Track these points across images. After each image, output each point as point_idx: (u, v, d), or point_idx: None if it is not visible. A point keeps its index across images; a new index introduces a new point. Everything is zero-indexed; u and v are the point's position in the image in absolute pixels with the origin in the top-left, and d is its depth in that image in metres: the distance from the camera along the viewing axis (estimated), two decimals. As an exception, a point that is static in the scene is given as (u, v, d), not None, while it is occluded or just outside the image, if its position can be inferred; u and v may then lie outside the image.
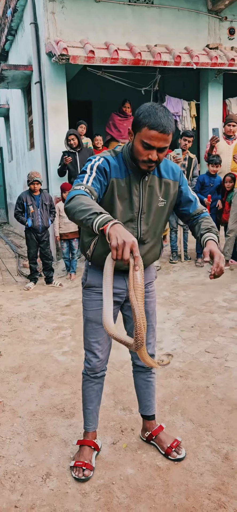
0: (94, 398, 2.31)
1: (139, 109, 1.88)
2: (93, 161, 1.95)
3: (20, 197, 5.85)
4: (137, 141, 1.87)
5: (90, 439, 2.33)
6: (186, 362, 3.39)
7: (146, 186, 2.02)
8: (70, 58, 6.27)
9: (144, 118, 1.82)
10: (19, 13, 8.19)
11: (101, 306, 2.10)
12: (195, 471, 2.21)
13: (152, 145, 1.84)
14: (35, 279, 6.00)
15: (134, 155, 1.92)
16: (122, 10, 7.16)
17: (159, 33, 7.44)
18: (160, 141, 1.84)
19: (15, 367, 3.46)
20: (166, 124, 1.81)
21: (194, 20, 7.70)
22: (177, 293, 5.11)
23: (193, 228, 2.16)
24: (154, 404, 2.45)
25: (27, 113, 9.01)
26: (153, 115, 1.80)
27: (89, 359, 2.25)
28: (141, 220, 2.04)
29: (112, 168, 1.96)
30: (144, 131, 1.82)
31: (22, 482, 2.18)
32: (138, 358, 2.34)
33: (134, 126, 1.88)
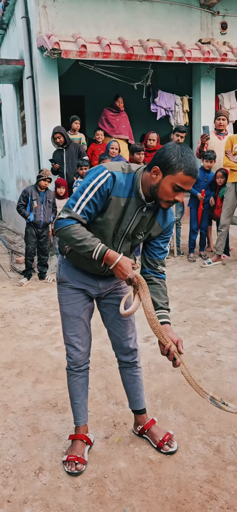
0: (81, 391, 2.33)
1: (169, 150, 1.85)
2: (97, 178, 1.90)
3: (26, 190, 5.85)
4: (168, 183, 1.86)
5: (82, 433, 2.34)
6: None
7: (140, 216, 2.01)
8: (62, 52, 6.24)
9: (180, 162, 1.82)
10: (10, 7, 8.13)
11: (75, 300, 2.18)
12: (187, 464, 2.23)
13: (185, 189, 1.87)
14: (29, 275, 5.99)
15: (157, 194, 1.90)
16: (114, 4, 7.13)
17: (151, 27, 7.42)
18: (191, 185, 1.89)
19: (8, 362, 3.46)
20: (198, 169, 1.88)
21: (186, 14, 7.69)
22: (170, 288, 5.12)
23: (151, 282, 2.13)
24: (143, 398, 2.46)
25: (19, 108, 8.95)
26: (188, 160, 1.82)
27: (70, 353, 2.27)
28: (123, 243, 2.06)
29: (116, 186, 1.93)
30: (179, 175, 1.83)
31: (14, 477, 2.19)
32: (122, 354, 2.37)
33: (165, 167, 1.85)
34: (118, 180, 1.93)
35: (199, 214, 6.17)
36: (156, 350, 3.53)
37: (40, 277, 6.01)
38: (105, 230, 2.00)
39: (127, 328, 2.31)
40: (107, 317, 2.32)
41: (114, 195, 1.93)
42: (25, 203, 5.79)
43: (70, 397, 2.36)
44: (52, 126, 6.89)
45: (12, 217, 11.08)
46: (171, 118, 8.19)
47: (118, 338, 2.33)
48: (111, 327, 2.33)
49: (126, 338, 2.33)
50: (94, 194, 1.90)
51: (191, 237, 6.32)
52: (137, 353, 2.40)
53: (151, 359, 3.38)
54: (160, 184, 1.88)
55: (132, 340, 2.35)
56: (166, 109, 8.10)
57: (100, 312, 2.36)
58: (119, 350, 2.37)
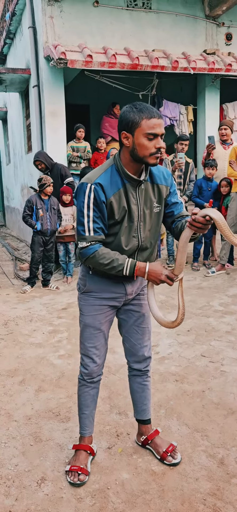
0: (90, 402, 2.31)
1: (124, 112, 1.92)
2: (86, 196, 1.94)
3: (30, 200, 5.86)
4: (139, 137, 1.88)
5: (86, 444, 2.32)
6: (182, 366, 3.39)
7: (142, 193, 2.04)
8: (68, 62, 6.28)
9: (139, 113, 1.87)
10: (17, 17, 8.21)
11: (98, 312, 2.15)
12: (191, 476, 2.21)
13: (156, 132, 1.88)
14: (33, 283, 5.99)
15: (139, 155, 1.91)
16: (120, 15, 7.19)
17: (157, 38, 7.47)
18: (161, 127, 1.90)
19: (11, 370, 3.45)
20: (157, 111, 1.92)
21: (191, 25, 7.74)
22: (173, 297, 5.10)
23: (177, 228, 2.12)
24: (149, 408, 2.44)
25: (25, 117, 9.01)
26: (144, 108, 1.88)
27: (86, 364, 2.24)
28: (140, 228, 2.06)
29: (106, 189, 1.96)
30: (144, 123, 1.87)
31: (16, 486, 2.18)
32: (135, 362, 2.34)
33: (129, 127, 1.90)
34: (105, 182, 1.96)
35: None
36: (160, 360, 3.51)
37: (44, 284, 6.01)
38: (120, 228, 2.02)
39: (144, 336, 2.30)
40: (126, 323, 2.29)
41: (111, 196, 1.96)
42: (31, 213, 5.81)
43: (78, 406, 2.34)
44: (58, 134, 6.94)
45: (16, 224, 11.11)
46: (175, 127, 8.22)
47: (134, 345, 2.31)
48: (128, 334, 2.30)
49: (142, 346, 2.31)
50: (93, 211, 1.95)
51: (196, 246, 6.30)
52: (150, 361, 2.39)
53: (155, 368, 3.36)
54: (134, 143, 1.90)
55: (147, 348, 2.34)
56: (171, 118, 8.13)
57: (118, 319, 2.33)
58: (133, 358, 2.35)
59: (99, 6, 7.00)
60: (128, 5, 7.23)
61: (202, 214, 1.86)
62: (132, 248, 2.07)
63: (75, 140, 7.21)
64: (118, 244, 2.03)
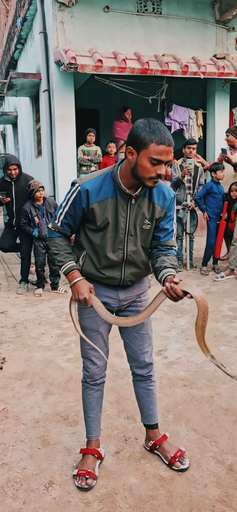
0: (95, 405, 2.31)
1: (136, 127, 1.85)
2: (70, 192, 2.05)
3: (24, 209, 5.79)
4: (144, 159, 1.84)
5: (93, 448, 2.32)
6: (190, 371, 3.37)
7: (134, 208, 2.01)
8: (79, 67, 6.32)
9: (149, 134, 1.80)
10: (28, 23, 8.29)
11: (95, 313, 2.16)
12: (199, 482, 2.18)
13: (162, 159, 1.83)
14: (43, 285, 6.01)
15: (138, 174, 1.88)
16: (130, 20, 7.22)
17: (167, 42, 7.48)
18: (168, 155, 1.85)
19: (19, 373, 3.46)
20: (170, 137, 1.85)
21: (201, 30, 7.74)
22: (182, 302, 5.08)
23: (156, 259, 2.08)
24: (156, 412, 2.43)
25: (35, 121, 9.08)
26: (157, 130, 1.81)
27: (87, 366, 2.27)
28: (128, 241, 2.05)
29: (92, 195, 1.97)
30: (152, 147, 1.81)
31: (24, 490, 2.18)
32: (137, 367, 2.34)
33: (136, 145, 1.84)
34: (92, 188, 1.98)
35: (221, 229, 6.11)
36: (168, 364, 3.50)
37: (53, 288, 6.02)
38: (104, 236, 2.04)
39: (144, 342, 2.29)
40: (125, 330, 2.30)
41: (95, 203, 1.98)
42: (27, 221, 5.82)
43: (84, 410, 2.34)
44: (68, 139, 6.97)
45: (26, 228, 11.16)
46: (185, 132, 8.21)
47: (135, 351, 2.31)
48: (128, 340, 2.31)
49: (142, 352, 2.30)
50: (69, 207, 2.05)
51: (208, 251, 6.25)
52: (152, 367, 2.38)
53: (163, 373, 3.35)
54: (137, 163, 1.86)
55: (148, 354, 2.33)
56: (180, 122, 8.13)
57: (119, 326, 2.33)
58: (135, 363, 2.35)
59: (109, 11, 7.04)
60: (139, 10, 7.26)
61: (183, 289, 1.82)
62: (118, 259, 2.07)
63: (86, 144, 7.24)
64: (103, 249, 2.05)
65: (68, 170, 7.16)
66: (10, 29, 10.61)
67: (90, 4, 6.93)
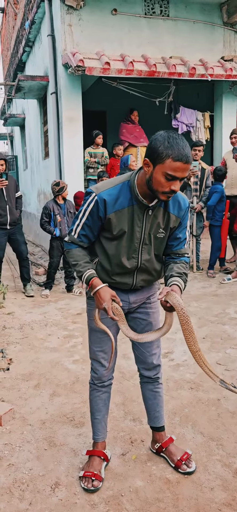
0: (102, 407, 2.31)
1: (155, 139, 1.83)
2: (87, 202, 2.01)
3: (47, 206, 5.81)
4: (159, 173, 1.82)
5: (100, 449, 2.32)
6: (197, 373, 3.36)
7: (150, 218, 2.01)
8: (86, 69, 6.34)
9: (167, 149, 1.78)
10: (36, 25, 8.33)
11: (104, 315, 2.14)
12: (205, 486, 2.18)
13: (177, 176, 1.81)
14: (51, 286, 6.01)
15: (152, 187, 1.87)
16: (138, 23, 7.23)
17: (174, 45, 7.48)
18: (184, 172, 1.83)
19: (25, 374, 3.47)
20: (189, 153, 1.81)
21: (209, 32, 7.73)
22: (189, 304, 5.07)
23: (166, 266, 2.13)
24: (163, 415, 2.43)
25: (43, 123, 9.12)
26: (176, 146, 1.78)
27: (95, 368, 2.27)
28: (142, 250, 2.06)
29: (109, 205, 1.96)
30: (168, 163, 1.79)
31: (31, 491, 2.18)
32: (145, 369, 2.34)
33: (153, 157, 1.83)
34: (110, 197, 1.96)
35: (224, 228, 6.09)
36: (175, 367, 3.49)
37: (68, 290, 6.02)
38: (118, 244, 2.04)
39: (152, 343, 2.28)
40: (134, 331, 2.28)
41: (111, 213, 1.97)
42: (48, 220, 5.80)
43: (90, 411, 2.35)
44: (75, 141, 6.99)
45: (32, 229, 11.22)
46: (192, 134, 8.20)
47: (143, 352, 2.30)
48: (137, 342, 2.29)
49: (150, 354, 2.30)
50: (87, 218, 2.02)
51: (215, 254, 6.23)
52: (160, 369, 2.37)
53: (169, 375, 3.34)
54: (152, 175, 1.85)
55: (156, 355, 2.33)
56: (188, 124, 8.12)
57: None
58: (142, 365, 2.34)
59: (117, 14, 7.06)
60: (146, 13, 7.27)
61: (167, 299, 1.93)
62: (131, 267, 2.07)
63: (93, 146, 7.26)
64: (117, 257, 2.05)
65: (75, 172, 7.18)
66: (18, 32, 10.68)
67: (98, 7, 6.95)
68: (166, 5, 7.40)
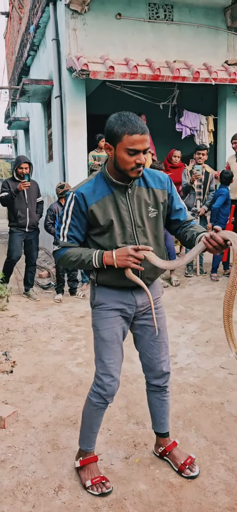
0: (101, 421, 2.27)
1: (109, 122, 1.92)
2: (67, 204, 2.03)
3: (51, 208, 5.81)
4: (121, 151, 1.89)
5: (95, 455, 2.30)
6: (200, 377, 3.35)
7: (134, 198, 2.03)
8: (90, 73, 6.36)
9: (121, 127, 1.87)
10: (41, 30, 8.38)
11: (114, 324, 2.11)
12: (209, 490, 2.17)
13: (138, 149, 1.88)
14: (63, 290, 5.98)
15: (120, 167, 1.93)
16: (142, 27, 7.25)
17: (178, 49, 7.50)
18: (143, 143, 1.89)
19: (29, 377, 3.48)
20: (143, 125, 1.89)
21: (213, 36, 7.74)
22: (192, 307, 5.07)
23: (185, 234, 2.11)
24: (168, 421, 2.40)
25: (47, 126, 9.16)
26: (128, 121, 1.87)
27: (106, 384, 2.12)
28: (137, 233, 2.04)
29: (88, 197, 1.99)
30: (125, 139, 1.87)
31: (34, 493, 2.19)
32: (153, 377, 2.28)
33: (111, 139, 1.91)
34: (87, 190, 2.00)
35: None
36: (178, 370, 3.49)
37: (71, 293, 6.02)
38: (111, 235, 2.01)
39: (161, 350, 2.22)
40: (141, 339, 2.22)
41: (92, 204, 1.99)
42: (53, 221, 5.80)
43: (88, 427, 2.24)
44: (79, 144, 7.00)
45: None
46: (196, 137, 8.21)
47: (151, 360, 2.23)
48: (144, 349, 2.23)
49: (159, 361, 2.23)
50: (71, 218, 2.03)
51: (218, 257, 6.22)
52: (169, 377, 2.30)
53: (173, 379, 3.33)
54: (116, 156, 1.92)
55: (166, 362, 2.26)
56: (191, 128, 8.12)
57: (133, 334, 2.27)
58: (151, 373, 2.27)
59: (121, 18, 7.08)
60: (150, 17, 7.29)
61: (224, 237, 1.82)
62: None
63: (97, 150, 7.28)
64: (115, 247, 2.01)
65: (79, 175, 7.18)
66: (23, 36, 10.73)
67: (103, 12, 6.98)
68: (170, 10, 7.42)
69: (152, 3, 7.28)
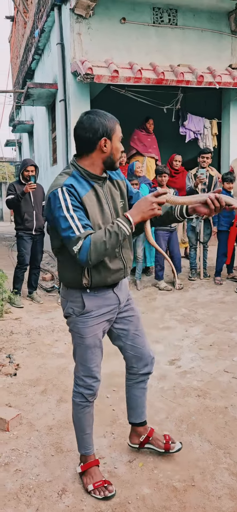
0: (92, 421, 2.29)
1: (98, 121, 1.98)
2: (61, 200, 1.90)
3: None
4: (115, 141, 2.03)
5: (95, 458, 2.30)
6: (204, 381, 3.35)
7: (108, 191, 2.08)
8: (95, 77, 6.39)
9: (111, 120, 2.02)
10: (46, 34, 8.42)
11: (97, 330, 2.14)
12: (213, 494, 2.17)
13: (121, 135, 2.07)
14: None
15: (114, 158, 2.04)
16: (146, 31, 7.28)
17: (182, 53, 7.51)
18: None
19: (33, 380, 3.49)
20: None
21: (217, 40, 7.76)
22: (196, 311, 5.06)
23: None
24: (146, 407, 2.49)
25: (51, 130, 9.19)
26: (110, 114, 2.03)
27: (90, 385, 2.18)
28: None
29: (78, 189, 1.96)
30: (117, 128, 2.04)
31: (38, 497, 2.19)
32: (143, 366, 2.33)
33: (108, 133, 1.99)
34: (75, 183, 1.96)
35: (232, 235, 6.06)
36: (181, 374, 3.48)
37: None
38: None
39: (144, 337, 2.33)
40: (126, 332, 2.27)
41: (84, 195, 1.97)
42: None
43: (80, 429, 2.25)
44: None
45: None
46: (199, 141, 8.21)
47: (140, 349, 2.30)
48: (131, 341, 2.28)
49: (146, 347, 2.33)
50: (74, 211, 1.90)
51: (221, 260, 6.22)
52: (154, 362, 2.41)
53: (176, 383, 3.33)
54: (113, 149, 2.03)
55: (150, 346, 2.38)
56: (195, 132, 8.13)
57: (114, 332, 2.29)
58: (141, 363, 2.33)
59: (126, 22, 7.11)
60: (155, 21, 7.31)
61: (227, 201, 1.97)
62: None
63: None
64: None
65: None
66: (27, 40, 10.79)
67: (107, 16, 7.01)
68: (174, 14, 7.44)
69: (156, 8, 7.30)
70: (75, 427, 2.28)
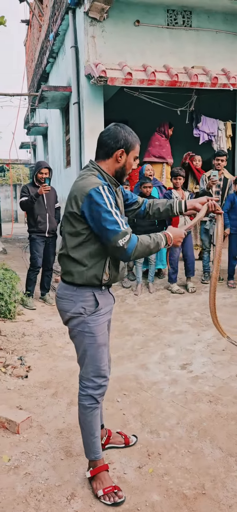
0: (99, 422, 2.29)
1: (120, 133, 2.11)
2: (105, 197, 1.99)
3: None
4: (131, 158, 2.15)
5: (105, 463, 2.28)
6: (216, 386, 3.30)
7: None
8: (108, 80, 6.39)
9: (134, 137, 2.15)
10: (60, 37, 8.46)
11: (105, 328, 2.22)
12: (224, 503, 2.13)
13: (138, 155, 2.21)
14: None
15: (126, 172, 2.15)
16: (160, 33, 7.25)
17: (196, 55, 7.46)
18: None
19: (44, 382, 3.49)
20: None
21: (231, 42, 7.68)
22: (209, 315, 5.00)
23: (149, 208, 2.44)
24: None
25: (65, 132, 9.23)
26: (134, 133, 2.17)
27: (100, 385, 2.18)
28: None
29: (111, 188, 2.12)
30: (137, 147, 2.17)
31: (47, 501, 2.18)
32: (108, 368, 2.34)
33: (126, 147, 2.11)
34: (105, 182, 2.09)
35: None
36: (193, 379, 3.44)
37: None
38: None
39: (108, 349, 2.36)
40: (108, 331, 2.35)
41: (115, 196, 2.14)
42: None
43: (89, 433, 2.22)
44: (96, 150, 7.03)
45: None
46: (213, 143, 8.14)
47: (107, 351, 2.32)
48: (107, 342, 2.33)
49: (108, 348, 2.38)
50: (116, 208, 2.02)
51: (232, 263, 6.15)
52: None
53: (188, 387, 3.30)
54: (126, 163, 2.14)
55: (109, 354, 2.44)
56: (209, 134, 8.07)
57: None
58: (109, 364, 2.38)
59: (140, 25, 7.10)
60: (169, 23, 7.28)
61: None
62: None
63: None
64: None
65: (96, 181, 7.21)
66: (42, 43, 10.87)
67: (121, 19, 7.01)
68: (188, 16, 7.40)
69: (170, 10, 7.27)
70: (83, 432, 2.26)
